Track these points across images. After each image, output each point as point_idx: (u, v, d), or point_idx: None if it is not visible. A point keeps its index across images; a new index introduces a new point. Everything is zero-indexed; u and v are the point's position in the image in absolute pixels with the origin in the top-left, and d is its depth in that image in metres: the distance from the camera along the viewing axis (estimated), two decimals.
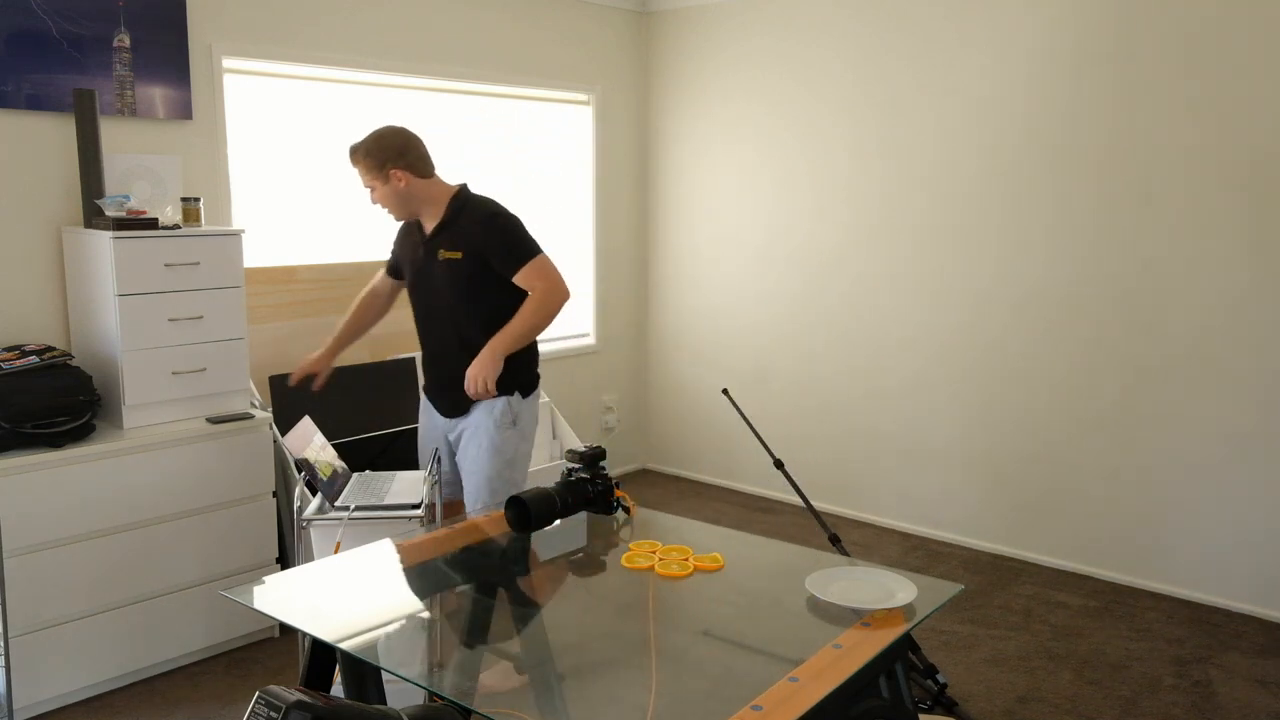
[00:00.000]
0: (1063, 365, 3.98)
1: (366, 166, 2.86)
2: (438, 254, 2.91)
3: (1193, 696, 3.05)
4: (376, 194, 2.90)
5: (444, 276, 2.90)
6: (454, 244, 2.89)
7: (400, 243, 3.09)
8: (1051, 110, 3.89)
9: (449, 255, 2.89)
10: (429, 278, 2.94)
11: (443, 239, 2.91)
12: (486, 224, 2.88)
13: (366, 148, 2.86)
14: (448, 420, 3.02)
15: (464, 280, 2.88)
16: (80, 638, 2.94)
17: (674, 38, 5.12)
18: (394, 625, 1.85)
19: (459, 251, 2.88)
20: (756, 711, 1.52)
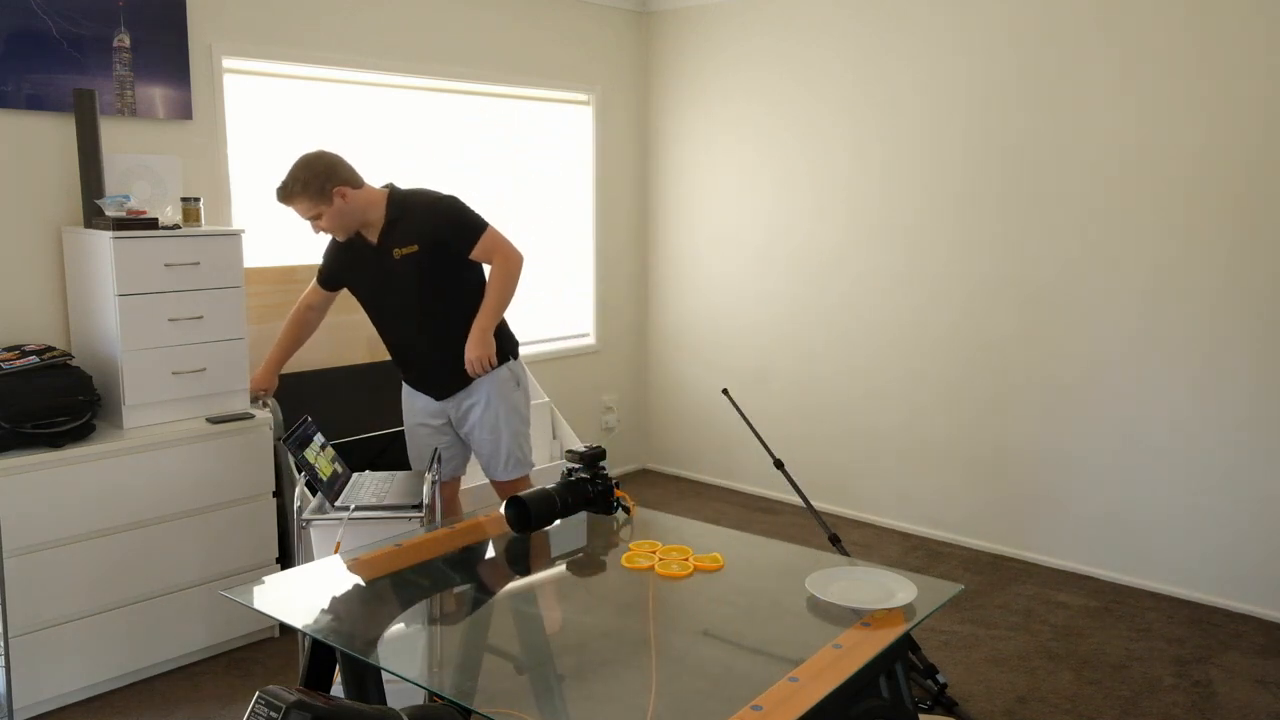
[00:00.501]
0: (1063, 365, 3.98)
1: (308, 196, 2.90)
2: (392, 254, 3.00)
3: (1193, 696, 3.05)
4: (323, 221, 2.94)
5: (405, 274, 3.00)
6: (406, 239, 2.99)
7: (337, 258, 3.15)
8: (1052, 110, 3.89)
9: (405, 251, 2.99)
10: (389, 279, 3.03)
11: (393, 239, 3.00)
12: (432, 211, 3.01)
13: (303, 179, 2.90)
14: (444, 401, 3.16)
15: (426, 270, 3.01)
16: (80, 638, 2.94)
17: (674, 38, 5.12)
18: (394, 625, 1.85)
19: (414, 245, 2.99)
20: (756, 711, 1.52)
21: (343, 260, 3.14)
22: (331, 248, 3.17)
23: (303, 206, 2.92)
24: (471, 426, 3.17)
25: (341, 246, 3.12)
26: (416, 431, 3.24)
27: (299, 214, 2.95)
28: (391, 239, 3.00)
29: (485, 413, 3.14)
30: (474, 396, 3.14)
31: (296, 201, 2.91)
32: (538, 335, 4.97)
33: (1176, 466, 3.74)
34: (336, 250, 3.15)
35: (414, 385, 3.22)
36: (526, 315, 4.92)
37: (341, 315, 4.01)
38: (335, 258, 3.16)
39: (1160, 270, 3.70)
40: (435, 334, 3.09)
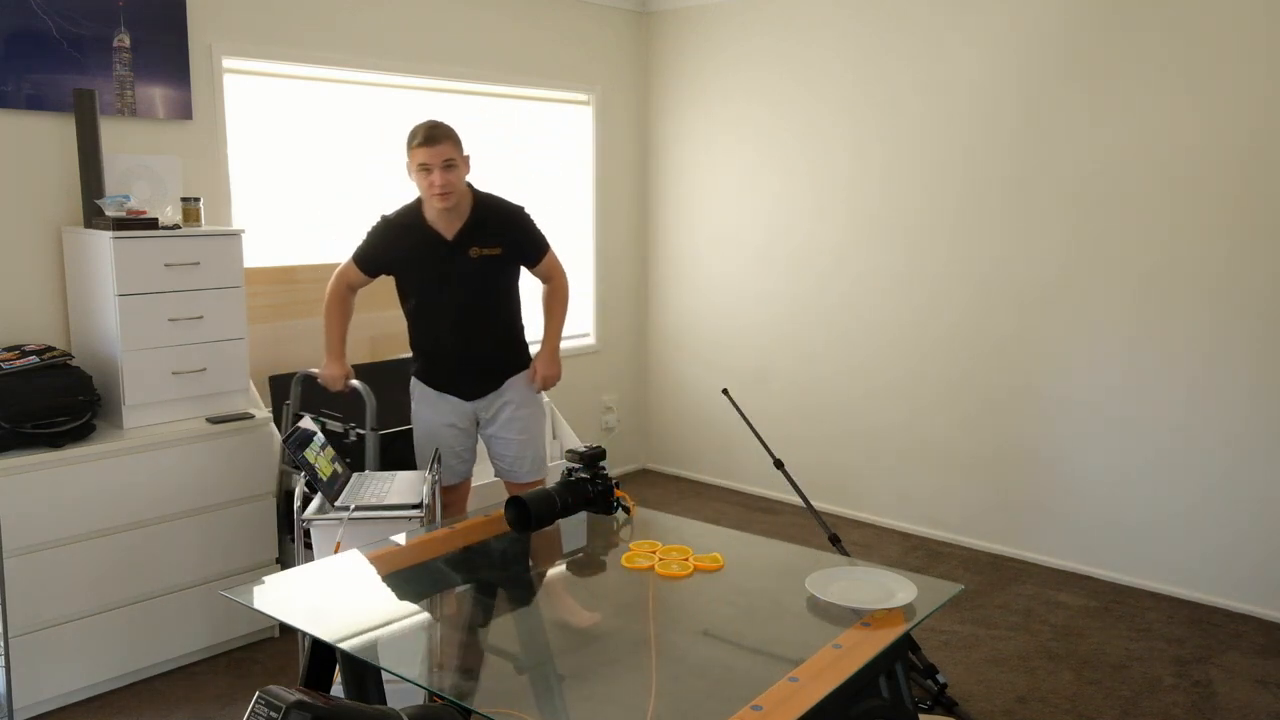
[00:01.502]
0: (1063, 365, 3.98)
1: (455, 143, 2.96)
2: (469, 252, 3.04)
3: (1193, 696, 3.05)
4: (453, 173, 2.95)
5: (479, 274, 3.07)
6: (490, 241, 3.07)
7: (395, 244, 3.11)
8: (1052, 110, 3.89)
9: (487, 252, 3.07)
10: (457, 277, 3.06)
11: (475, 238, 3.05)
12: (517, 219, 3.15)
13: (451, 129, 2.97)
14: (474, 402, 3.19)
15: (501, 274, 3.13)
16: (80, 638, 2.94)
17: (674, 38, 5.12)
18: (394, 625, 1.85)
19: (497, 248, 3.08)
20: (756, 711, 1.52)
21: (401, 248, 3.10)
22: (388, 233, 3.12)
23: (448, 148, 2.92)
24: (500, 427, 3.21)
25: (400, 234, 3.09)
26: (444, 433, 3.21)
27: (434, 158, 2.91)
28: (472, 237, 3.05)
29: (517, 413, 3.20)
30: (505, 397, 3.20)
31: (445, 143, 2.92)
32: (537, 335, 4.96)
33: (1176, 466, 3.74)
34: (393, 237, 3.11)
35: (440, 386, 3.20)
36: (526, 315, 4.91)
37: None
38: (392, 244, 3.11)
39: (1160, 270, 3.70)
40: (484, 335, 3.15)
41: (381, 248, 3.14)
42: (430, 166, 2.92)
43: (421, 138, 2.93)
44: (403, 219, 3.11)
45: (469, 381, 3.18)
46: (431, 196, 2.97)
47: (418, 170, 2.96)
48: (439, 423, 3.21)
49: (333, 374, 3.19)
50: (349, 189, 4.13)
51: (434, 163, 2.91)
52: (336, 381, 3.19)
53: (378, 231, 3.15)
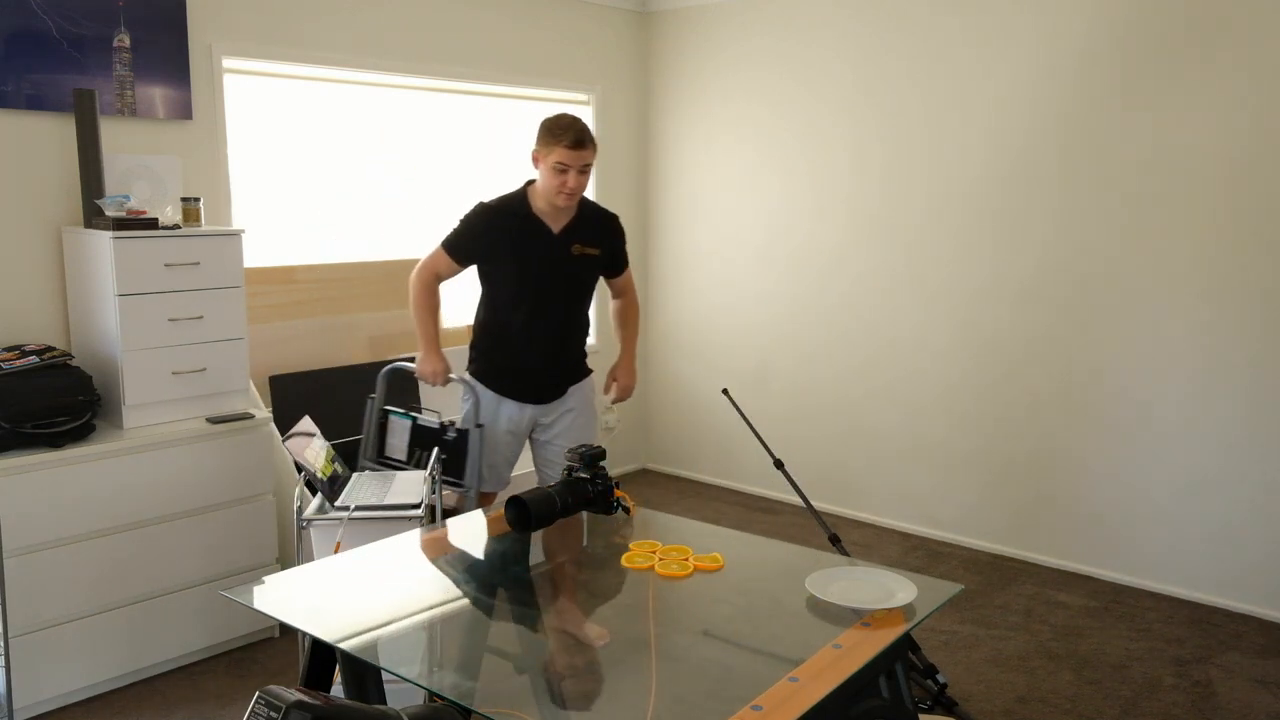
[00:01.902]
0: (1063, 365, 3.98)
1: (595, 146, 2.95)
2: (571, 248, 3.05)
3: (1193, 696, 3.05)
4: (586, 175, 2.95)
5: (578, 272, 3.09)
6: (591, 240, 3.09)
7: (499, 233, 3.03)
8: (1052, 109, 3.89)
9: (588, 251, 3.08)
10: (558, 271, 3.05)
11: (578, 234, 3.06)
12: (615, 223, 3.18)
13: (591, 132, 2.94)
14: (538, 406, 3.17)
15: (593, 275, 3.15)
16: (80, 638, 2.94)
17: (674, 38, 5.12)
18: (394, 625, 1.85)
19: (597, 248, 3.10)
20: (756, 711, 1.52)
21: (504, 236, 3.03)
22: (491, 220, 3.05)
23: (590, 154, 2.92)
24: (559, 435, 3.20)
25: (504, 222, 3.03)
26: (503, 440, 3.17)
27: (576, 161, 2.89)
28: (576, 234, 3.05)
29: (577, 421, 3.21)
30: (568, 404, 3.20)
31: (590, 147, 2.91)
32: None
33: (1176, 467, 3.73)
34: (497, 225, 3.04)
35: (503, 389, 3.15)
36: None
37: (341, 315, 4.02)
38: (494, 231, 3.04)
39: (1160, 270, 3.70)
40: (564, 334, 3.15)
41: (482, 234, 3.06)
42: (569, 168, 2.89)
43: (571, 139, 2.88)
44: (508, 206, 3.05)
45: (537, 384, 3.15)
46: (557, 195, 2.94)
47: (552, 167, 2.91)
48: (498, 429, 3.16)
49: (433, 369, 3.10)
50: (349, 189, 4.13)
51: (574, 165, 2.89)
52: (438, 377, 3.10)
53: (478, 218, 3.08)
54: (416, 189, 4.39)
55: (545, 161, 2.93)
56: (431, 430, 3.10)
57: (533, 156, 2.98)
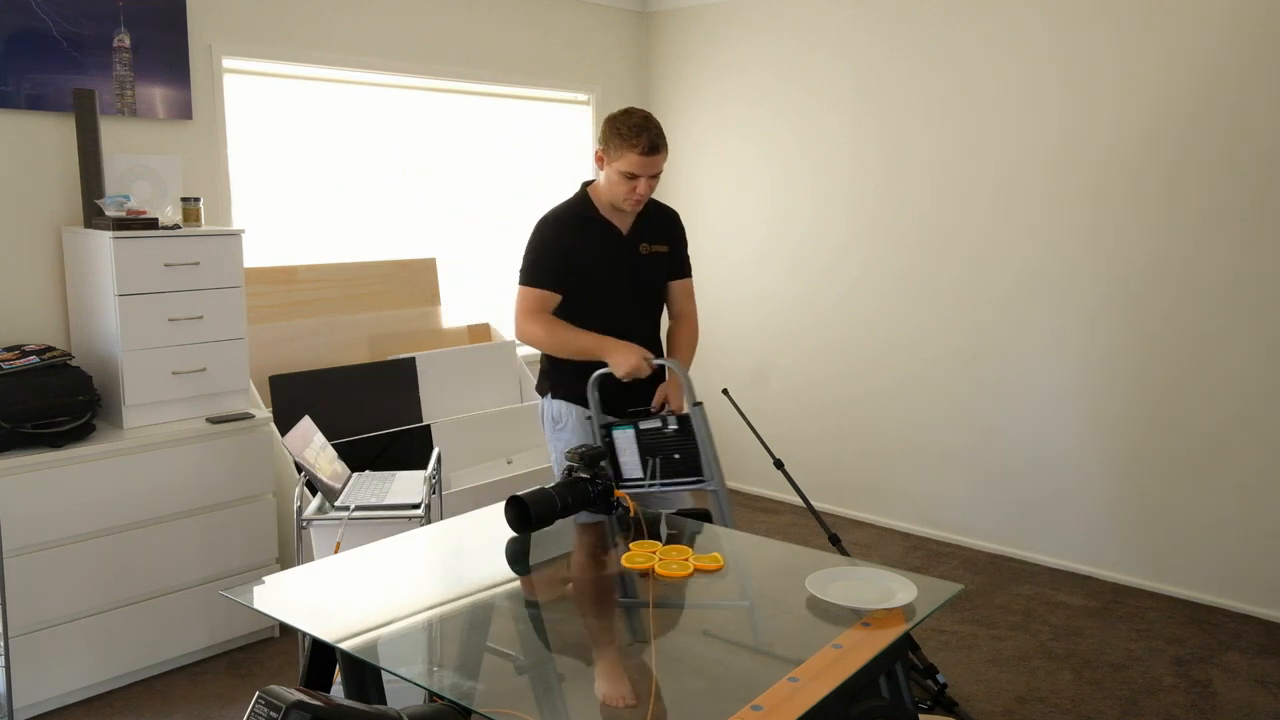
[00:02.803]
0: (1062, 365, 3.97)
1: (667, 151, 2.74)
2: (639, 248, 2.85)
3: (1193, 696, 3.05)
4: (656, 180, 2.75)
5: (649, 271, 2.89)
6: (658, 237, 2.90)
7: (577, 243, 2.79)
8: (1052, 109, 3.89)
9: (657, 249, 2.89)
10: (631, 273, 2.84)
11: (645, 233, 2.87)
12: (678, 220, 2.99)
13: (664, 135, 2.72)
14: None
15: (663, 274, 2.95)
16: (80, 638, 2.94)
17: (674, 38, 5.12)
18: (394, 625, 1.85)
19: (665, 245, 2.91)
20: (756, 711, 1.52)
21: (580, 244, 2.79)
22: (564, 231, 2.79)
23: (662, 160, 2.71)
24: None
25: (577, 229, 2.80)
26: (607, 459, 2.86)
27: (647, 169, 2.68)
28: (643, 233, 2.86)
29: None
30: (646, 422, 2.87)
31: (663, 154, 2.69)
32: None
33: (1177, 466, 3.73)
34: (571, 234, 2.79)
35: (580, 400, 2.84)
36: None
37: (341, 315, 4.02)
38: (571, 241, 2.79)
39: (1160, 268, 3.70)
40: (648, 338, 2.90)
41: (564, 248, 2.78)
42: (639, 176, 2.68)
43: (645, 146, 2.65)
44: (577, 211, 2.82)
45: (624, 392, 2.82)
46: (625, 201, 2.74)
47: (620, 173, 2.69)
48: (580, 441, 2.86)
49: (629, 360, 2.67)
50: (349, 189, 4.13)
51: (645, 173, 2.68)
52: (641, 368, 2.68)
53: (550, 234, 2.81)
54: (416, 189, 4.39)
55: (612, 165, 2.70)
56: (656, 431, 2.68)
57: (596, 156, 2.76)
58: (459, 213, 4.56)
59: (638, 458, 2.69)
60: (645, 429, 2.66)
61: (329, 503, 2.83)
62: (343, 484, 2.98)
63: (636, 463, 2.69)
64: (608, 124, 2.71)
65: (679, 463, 2.65)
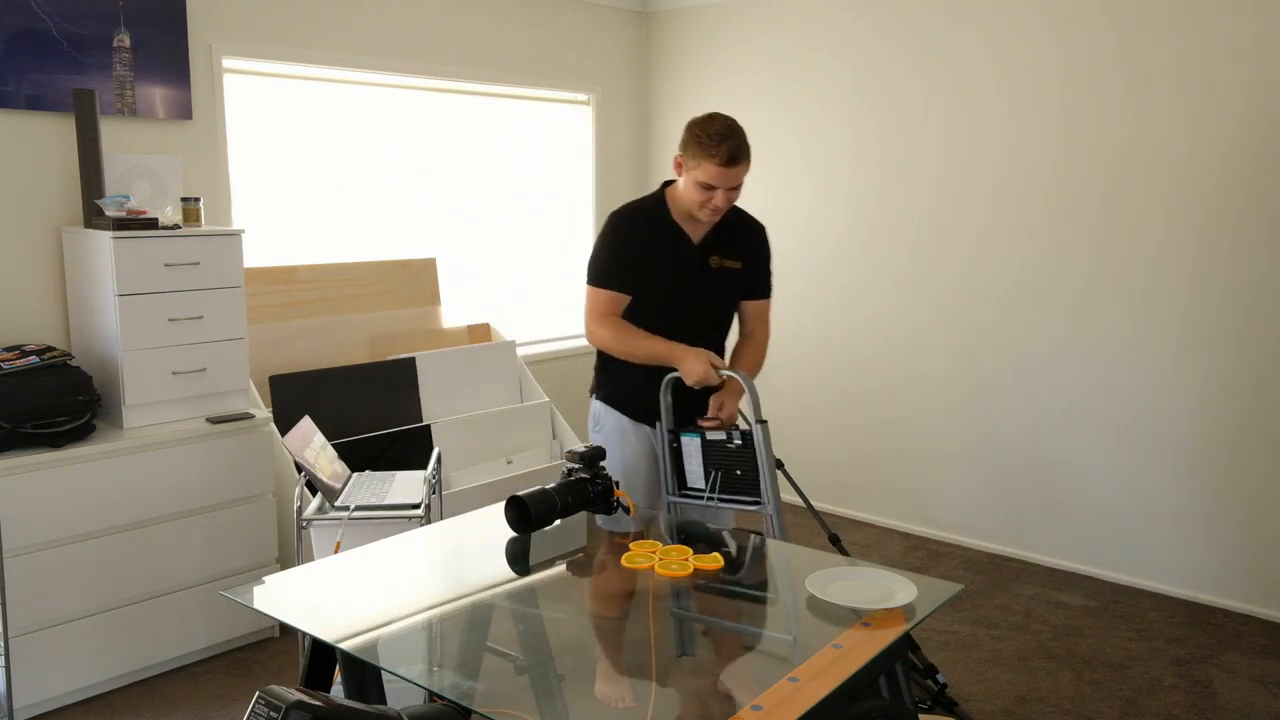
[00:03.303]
0: (1063, 364, 3.97)
1: (750, 162, 2.56)
2: (709, 260, 2.66)
3: (1193, 696, 3.05)
4: (736, 192, 2.57)
5: (719, 286, 2.70)
6: (733, 252, 2.70)
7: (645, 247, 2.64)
8: (1052, 109, 3.89)
9: (729, 264, 2.69)
10: (697, 286, 2.67)
11: (718, 245, 2.68)
12: (762, 236, 2.77)
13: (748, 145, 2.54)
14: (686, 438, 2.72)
15: (737, 290, 2.74)
16: (80, 638, 2.94)
17: (674, 38, 5.12)
18: (394, 625, 1.85)
19: (739, 261, 2.71)
20: (756, 711, 1.52)
21: (646, 246, 2.64)
22: (633, 230, 2.65)
23: (744, 172, 2.53)
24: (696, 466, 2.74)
25: (645, 229, 2.65)
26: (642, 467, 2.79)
27: (732, 180, 2.51)
28: (716, 245, 2.68)
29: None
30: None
31: (743, 164, 2.51)
32: (538, 335, 4.97)
33: (1177, 466, 3.73)
34: (639, 234, 2.65)
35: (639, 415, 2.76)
36: (527, 315, 4.92)
37: (342, 315, 4.02)
38: (638, 241, 2.64)
39: (1161, 269, 3.70)
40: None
41: (633, 247, 2.65)
42: (717, 187, 2.52)
43: (724, 157, 2.48)
44: (648, 211, 2.67)
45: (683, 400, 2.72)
46: (700, 210, 2.57)
47: (698, 182, 2.53)
48: (640, 452, 2.77)
49: (699, 366, 2.54)
50: (349, 189, 4.13)
51: (723, 185, 2.51)
52: (710, 376, 2.54)
53: (620, 232, 2.66)
54: (416, 189, 4.39)
55: (690, 173, 2.55)
56: (720, 444, 2.63)
57: (675, 161, 2.60)
58: (459, 213, 4.57)
59: (702, 467, 2.66)
60: (711, 440, 2.62)
61: (329, 503, 2.83)
62: (343, 484, 2.98)
63: (701, 472, 2.66)
64: (688, 129, 2.55)
65: (740, 480, 2.60)
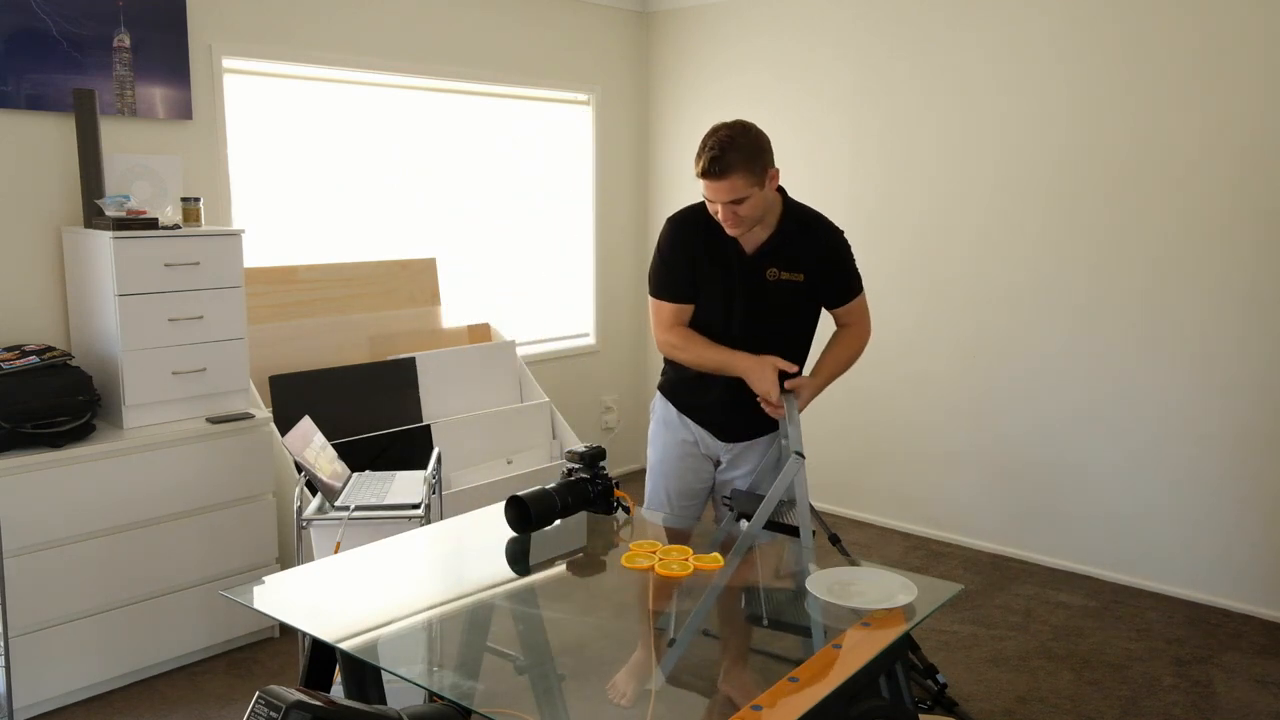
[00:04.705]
0: (1063, 364, 3.97)
1: (748, 171, 2.31)
2: (765, 273, 2.49)
3: (1193, 696, 3.05)
4: (745, 207, 2.35)
5: (778, 301, 2.52)
6: (793, 264, 2.50)
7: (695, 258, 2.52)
8: (1054, 109, 3.89)
9: (789, 277, 2.50)
10: (749, 300, 2.51)
11: (776, 257, 2.49)
12: (833, 243, 2.57)
13: (744, 149, 2.31)
14: (729, 444, 2.65)
15: (801, 304, 2.56)
16: (80, 638, 2.94)
17: (674, 38, 5.12)
18: (394, 625, 1.85)
19: (800, 274, 2.51)
20: (756, 712, 1.52)
21: (695, 252, 2.51)
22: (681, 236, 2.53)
23: (739, 183, 2.30)
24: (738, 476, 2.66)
25: (693, 235, 2.51)
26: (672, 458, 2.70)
27: (721, 194, 2.32)
28: (774, 256, 2.49)
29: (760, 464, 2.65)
30: (759, 449, 2.64)
31: (731, 177, 2.29)
32: (538, 335, 4.97)
33: (1177, 467, 3.73)
34: (687, 239, 2.52)
35: (695, 415, 2.65)
36: (527, 315, 4.92)
37: (342, 315, 4.02)
38: (688, 247, 2.52)
39: (1157, 271, 3.70)
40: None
41: (679, 255, 2.52)
42: (713, 201, 2.37)
43: (701, 167, 2.33)
44: (698, 217, 2.52)
45: (727, 422, 2.62)
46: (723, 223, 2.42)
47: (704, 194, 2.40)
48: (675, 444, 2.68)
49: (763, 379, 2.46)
50: (349, 189, 4.13)
51: (716, 199, 2.35)
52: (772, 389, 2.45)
53: (674, 240, 2.53)
54: (416, 189, 4.39)
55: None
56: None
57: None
58: (459, 213, 4.57)
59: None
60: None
61: (329, 503, 2.84)
62: (343, 484, 2.98)
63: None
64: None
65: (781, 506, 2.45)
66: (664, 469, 2.72)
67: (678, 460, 2.70)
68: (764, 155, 2.36)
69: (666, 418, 2.71)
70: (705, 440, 2.67)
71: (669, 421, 2.71)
